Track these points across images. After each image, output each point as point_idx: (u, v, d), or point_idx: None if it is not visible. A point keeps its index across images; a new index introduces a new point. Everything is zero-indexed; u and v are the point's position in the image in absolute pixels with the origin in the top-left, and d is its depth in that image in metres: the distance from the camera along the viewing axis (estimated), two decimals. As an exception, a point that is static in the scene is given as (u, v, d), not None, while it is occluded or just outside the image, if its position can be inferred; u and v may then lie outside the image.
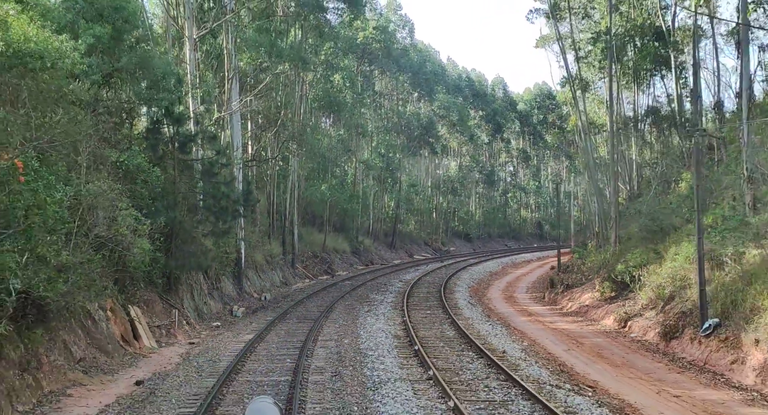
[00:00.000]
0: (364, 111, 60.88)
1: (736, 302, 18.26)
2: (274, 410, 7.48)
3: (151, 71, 23.70)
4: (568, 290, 33.26)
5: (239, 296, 30.82)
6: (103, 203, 17.97)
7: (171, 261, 23.62)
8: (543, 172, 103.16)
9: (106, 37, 21.98)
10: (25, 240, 13.27)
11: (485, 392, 14.13)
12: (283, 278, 39.22)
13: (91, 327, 17.99)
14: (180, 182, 24.41)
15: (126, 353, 18.84)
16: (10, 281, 12.25)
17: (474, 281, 42.78)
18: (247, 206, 29.44)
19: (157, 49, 26.88)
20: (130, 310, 20.63)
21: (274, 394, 13.94)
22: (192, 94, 26.50)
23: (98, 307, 18.67)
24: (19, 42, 15.88)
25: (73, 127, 16.66)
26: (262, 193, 42.04)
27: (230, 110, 29.81)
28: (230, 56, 30.51)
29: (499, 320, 26.22)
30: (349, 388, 14.45)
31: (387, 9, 66.61)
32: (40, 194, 13.45)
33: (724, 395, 15.19)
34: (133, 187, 21.43)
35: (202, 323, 24.89)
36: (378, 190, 65.30)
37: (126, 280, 20.67)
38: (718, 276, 20.23)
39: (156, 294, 23.26)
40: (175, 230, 23.75)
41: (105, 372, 16.64)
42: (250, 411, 7.47)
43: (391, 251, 65.48)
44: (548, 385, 15.25)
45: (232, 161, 28.45)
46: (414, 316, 25.25)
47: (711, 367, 17.71)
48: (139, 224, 19.56)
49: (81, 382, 15.56)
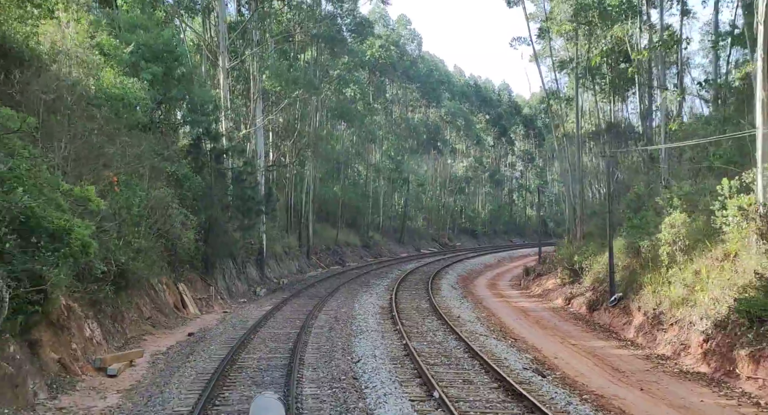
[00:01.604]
0: (376, 118, 67.02)
1: (631, 282, 24.28)
2: (279, 405, 7.51)
3: (194, 99, 30.12)
4: (538, 277, 39.27)
5: (261, 279, 37.19)
6: (162, 204, 24.33)
7: (208, 249, 30.03)
8: (548, 172, 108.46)
9: (160, 73, 28.38)
10: (119, 230, 19.65)
11: (431, 337, 20.34)
12: (299, 267, 45.57)
13: (154, 296, 24.41)
14: (215, 187, 30.82)
15: (177, 316, 25.21)
16: (113, 258, 18.61)
17: (466, 271, 48.79)
18: (268, 206, 35.87)
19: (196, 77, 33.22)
20: (179, 285, 27.07)
21: (287, 339, 20.17)
22: (225, 114, 32.87)
23: (158, 281, 25.09)
24: (108, 87, 22.33)
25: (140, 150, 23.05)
26: (281, 193, 48.45)
27: (255, 126, 36.23)
28: (255, 81, 36.91)
29: (471, 300, 32.30)
30: (339, 335, 20.71)
31: (398, 24, 72.71)
32: (128, 199, 19.84)
33: (606, 344, 21.25)
34: (180, 192, 27.79)
35: (231, 299, 31.24)
36: (388, 190, 71.45)
37: (176, 263, 27.05)
38: (630, 263, 26.20)
39: (197, 275, 29.68)
40: (211, 225, 30.12)
41: (165, 327, 23.00)
42: (255, 406, 7.51)
43: (400, 246, 71.63)
44: (481, 336, 21.39)
45: (256, 169, 34.79)
46: (400, 295, 31.43)
47: (611, 328, 23.75)
48: (186, 219, 25.94)
49: (150, 332, 21.95)
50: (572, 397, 14.20)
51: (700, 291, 18.84)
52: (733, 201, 17.99)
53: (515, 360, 17.55)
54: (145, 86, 24.89)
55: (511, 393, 13.73)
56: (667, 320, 20.30)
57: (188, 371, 16.08)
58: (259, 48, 36.53)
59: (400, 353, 17.89)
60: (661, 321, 20.67)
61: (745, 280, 17.04)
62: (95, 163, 18.78)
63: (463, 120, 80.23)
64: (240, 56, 34.77)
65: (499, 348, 19.28)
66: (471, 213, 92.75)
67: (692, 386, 15.73)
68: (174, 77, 29.75)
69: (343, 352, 17.98)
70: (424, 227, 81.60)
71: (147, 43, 28.02)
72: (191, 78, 31.52)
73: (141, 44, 27.58)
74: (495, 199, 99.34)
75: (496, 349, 19.08)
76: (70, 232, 14.04)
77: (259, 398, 7.80)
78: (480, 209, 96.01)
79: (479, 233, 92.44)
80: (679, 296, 19.94)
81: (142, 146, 23.44)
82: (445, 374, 15.46)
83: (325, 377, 15.16)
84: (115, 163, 19.82)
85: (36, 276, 13.73)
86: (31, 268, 13.50)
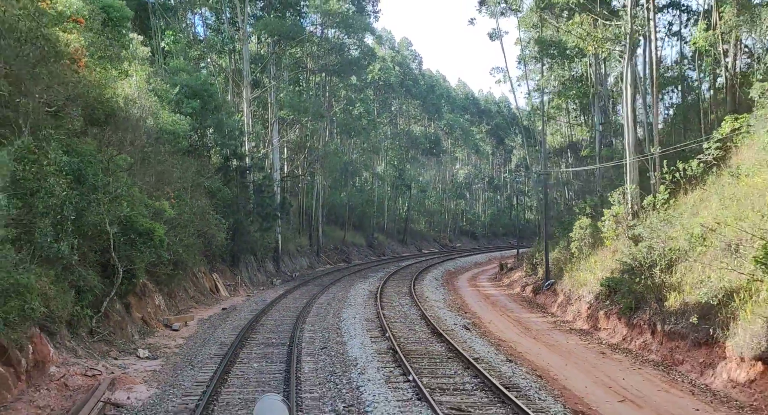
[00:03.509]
0: (380, 131, 74.60)
1: (559, 270, 31.63)
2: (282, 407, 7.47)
3: (223, 127, 37.79)
4: (509, 271, 46.60)
5: (277, 272, 44.83)
6: (201, 212, 31.95)
7: (235, 246, 37.66)
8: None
9: (198, 107, 36.05)
10: (175, 231, 27.28)
11: (399, 308, 27.85)
12: (309, 263, 53.18)
13: (195, 281, 32.08)
14: (240, 197, 38.48)
15: (212, 297, 32.84)
16: (172, 250, 26.22)
17: (455, 268, 56.13)
18: (282, 212, 43.50)
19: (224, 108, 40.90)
20: (213, 274, 34.72)
21: (295, 309, 27.68)
22: (248, 138, 40.58)
23: (198, 270, 32.75)
24: (165, 124, 30.02)
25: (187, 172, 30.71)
26: (294, 200, 56.16)
27: (272, 146, 43.95)
28: (272, 108, 44.61)
29: (446, 288, 39.70)
30: (333, 307, 28.25)
31: (400, 46, 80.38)
32: (181, 208, 27.48)
33: (532, 315, 28.59)
34: (214, 201, 35.42)
35: (253, 287, 38.84)
36: (391, 196, 78.98)
37: (211, 256, 34.68)
38: (561, 256, 33.51)
39: (226, 266, 37.36)
40: (237, 227, 37.71)
41: (204, 304, 30.63)
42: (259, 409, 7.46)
43: (402, 246, 79.09)
44: (438, 309, 28.81)
45: (273, 182, 42.46)
46: (388, 283, 38.91)
47: (544, 305, 31.08)
48: (219, 223, 33.55)
49: (194, 306, 29.58)
50: (482, 339, 21.62)
51: (591, 274, 26.19)
52: (608, 211, 25.32)
53: (453, 322, 25.01)
54: (188, 119, 32.60)
55: (437, 336, 21.18)
56: (574, 296, 27.66)
57: (227, 326, 23.69)
58: (275, 82, 44.25)
59: (373, 316, 25.40)
60: (570, 298, 28.04)
61: (614, 265, 24.38)
62: (161, 184, 26.44)
63: (461, 131, 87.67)
64: (261, 87, 42.53)
65: (447, 315, 26.77)
66: (471, 216, 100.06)
67: (569, 336, 23.08)
68: (208, 109, 37.42)
69: (333, 316, 25.54)
70: (426, 229, 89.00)
71: (188, 83, 35.74)
72: (221, 109, 39.20)
73: (183, 85, 35.30)
74: (495, 204, 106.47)
75: (444, 316, 26.56)
76: (153, 231, 21.69)
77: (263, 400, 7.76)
78: (480, 213, 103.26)
79: (479, 234, 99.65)
80: (582, 279, 27.29)
81: (187, 169, 31.12)
82: (398, 326, 22.96)
83: (319, 328, 22.72)
84: (173, 183, 27.49)
85: (129, 260, 21.38)
86: (129, 254, 21.14)
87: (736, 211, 19.69)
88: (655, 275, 20.31)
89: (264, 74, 44.98)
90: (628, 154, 25.00)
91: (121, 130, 25.43)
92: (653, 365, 18.05)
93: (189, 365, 17.34)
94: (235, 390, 14.35)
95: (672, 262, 20.13)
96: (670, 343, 18.46)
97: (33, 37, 16.07)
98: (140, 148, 25.86)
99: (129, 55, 29.50)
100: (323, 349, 19.02)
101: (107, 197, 19.74)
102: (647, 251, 20.99)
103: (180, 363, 17.79)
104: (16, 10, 15.99)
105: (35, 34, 16.15)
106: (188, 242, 28.83)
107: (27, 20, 16.00)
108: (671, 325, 18.42)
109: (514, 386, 14.76)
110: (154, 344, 20.87)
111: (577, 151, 47.08)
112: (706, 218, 20.72)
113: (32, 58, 16.17)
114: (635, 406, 14.21)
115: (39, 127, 16.46)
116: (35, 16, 16.45)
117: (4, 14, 15.48)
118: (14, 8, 15.92)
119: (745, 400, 14.18)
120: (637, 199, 25.45)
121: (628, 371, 17.46)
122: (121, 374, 16.18)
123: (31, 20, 16.28)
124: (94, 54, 23.83)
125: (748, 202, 19.78)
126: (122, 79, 27.86)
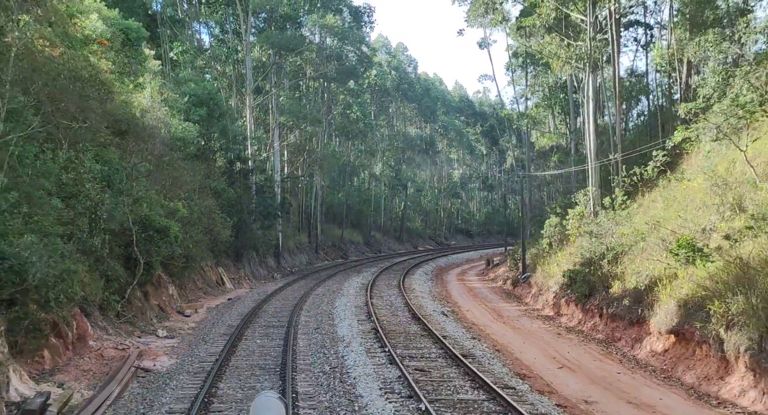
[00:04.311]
0: (377, 133, 77.75)
1: (535, 265, 34.76)
2: (279, 405, 7.44)
3: (227, 133, 40.94)
4: (495, 267, 49.74)
5: (278, 267, 47.99)
6: (208, 211, 35.09)
7: (238, 243, 40.81)
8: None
9: (205, 114, 39.19)
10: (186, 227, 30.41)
11: (386, 298, 31.00)
12: (309, 260, 56.33)
13: (203, 274, 35.23)
14: (244, 197, 41.63)
15: (218, 289, 35.99)
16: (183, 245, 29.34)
17: (446, 264, 59.24)
18: (283, 211, 46.64)
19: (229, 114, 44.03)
20: (219, 268, 37.88)
21: (293, 299, 30.82)
22: (251, 142, 43.72)
23: (206, 264, 35.90)
24: (176, 131, 33.15)
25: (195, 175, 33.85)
26: (294, 199, 59.34)
27: (273, 149, 47.10)
28: (273, 114, 47.76)
29: (435, 282, 42.81)
30: (327, 297, 31.39)
31: (396, 51, 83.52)
32: (191, 208, 30.62)
33: (508, 305, 31.71)
34: (219, 201, 38.55)
35: (255, 280, 41.99)
36: (388, 195, 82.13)
37: (217, 252, 37.84)
38: (536, 252, 36.62)
39: (230, 261, 40.52)
40: (240, 225, 40.86)
41: (212, 295, 33.78)
42: (256, 407, 7.43)
43: (399, 244, 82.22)
44: (422, 299, 31.93)
45: (274, 183, 45.62)
46: (380, 277, 42.05)
47: (520, 296, 34.20)
48: (224, 221, 36.69)
49: (202, 297, 32.73)
50: (455, 323, 24.76)
51: (558, 268, 29.32)
52: (572, 210, 28.45)
53: (433, 309, 28.16)
54: (195, 127, 35.75)
55: (416, 319, 24.32)
56: (544, 288, 30.78)
57: (233, 313, 26.84)
58: (276, 89, 47.44)
59: (362, 304, 28.55)
60: (542, 289, 31.17)
61: (576, 259, 27.51)
62: (174, 187, 29.61)
63: (455, 133, 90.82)
64: (263, 94, 45.72)
65: (429, 304, 29.93)
66: (467, 215, 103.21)
67: (534, 321, 26.20)
68: (214, 116, 40.56)
69: (327, 304, 28.70)
70: (422, 227, 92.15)
71: (195, 92, 38.89)
72: (226, 115, 42.34)
73: (192, 94, 38.45)
74: (489, 203, 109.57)
75: (426, 304, 29.72)
76: (168, 228, 24.84)
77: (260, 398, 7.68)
78: (475, 211, 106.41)
79: (474, 233, 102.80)
80: (551, 272, 30.41)
81: (195, 172, 34.27)
82: (383, 313, 26.12)
83: (313, 314, 25.88)
84: (184, 186, 30.66)
85: (148, 254, 24.52)
86: (148, 249, 24.29)
87: (674, 211, 22.82)
88: (604, 266, 23.44)
89: (266, 81, 48.14)
90: (590, 160, 28.14)
91: (139, 139, 28.60)
92: (597, 342, 21.19)
93: (202, 341, 20.50)
94: (243, 358, 17.49)
95: (617, 255, 23.25)
96: (612, 323, 21.61)
97: (93, 82, 19.33)
98: (156, 156, 29.00)
99: (143, 69, 32.68)
100: (316, 329, 22.17)
101: (130, 199, 22.90)
102: (598, 246, 24.12)
103: (194, 340, 20.95)
104: (81, 62, 19.26)
105: (95, 79, 19.45)
106: (197, 238, 31.97)
107: (88, 69, 19.41)
108: (613, 308, 21.56)
109: (471, 356, 17.91)
110: (170, 326, 24.01)
111: (561, 152, 50.22)
112: (650, 218, 23.86)
113: (92, 97, 19.50)
114: (570, 371, 17.34)
115: (77, 140, 19.59)
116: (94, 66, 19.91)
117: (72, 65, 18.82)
118: (78, 61, 19.19)
119: (659, 365, 17.32)
120: (598, 200, 28.57)
121: (575, 347, 20.59)
122: (146, 348, 19.33)
123: (92, 69, 19.59)
124: (116, 71, 26.97)
125: (686, 203, 22.92)
126: (138, 92, 31.03)
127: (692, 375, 15.79)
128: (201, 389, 13.84)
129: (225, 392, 13.99)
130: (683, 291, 17.46)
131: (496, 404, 13.05)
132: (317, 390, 14.07)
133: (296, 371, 15.75)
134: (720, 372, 14.95)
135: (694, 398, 14.59)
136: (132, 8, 41.61)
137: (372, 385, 14.40)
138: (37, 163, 15.95)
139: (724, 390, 14.41)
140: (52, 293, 16.02)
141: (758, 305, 13.78)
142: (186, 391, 14.13)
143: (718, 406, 13.85)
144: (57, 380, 15.25)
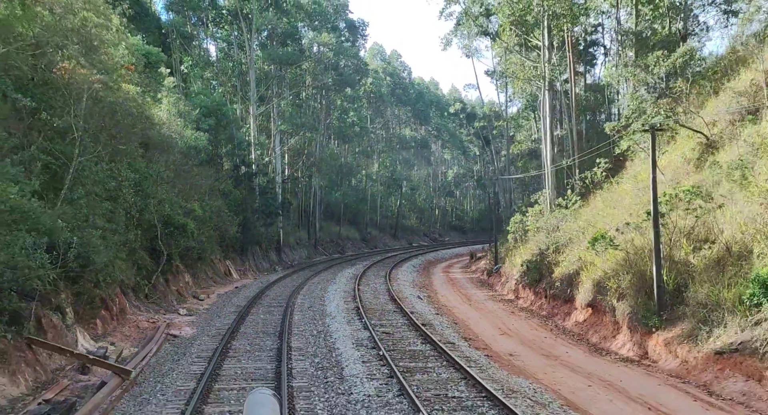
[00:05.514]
0: (373, 135, 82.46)
1: (505, 257, 39.45)
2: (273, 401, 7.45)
3: (234, 140, 45.64)
4: (477, 260, 54.42)
5: (279, 261, 52.72)
6: (217, 210, 39.80)
7: (243, 239, 45.54)
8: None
9: (213, 124, 43.90)
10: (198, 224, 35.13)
11: (372, 286, 35.70)
12: (308, 254, 61.05)
13: (213, 266, 39.94)
14: (248, 198, 46.33)
15: (226, 279, 40.70)
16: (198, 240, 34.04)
17: (435, 258, 63.91)
18: (284, 210, 51.35)
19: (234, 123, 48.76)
20: (226, 261, 42.61)
21: (292, 286, 35.52)
22: (254, 148, 48.42)
23: (215, 258, 40.60)
24: (189, 141, 37.86)
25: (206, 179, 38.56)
26: (295, 199, 64.08)
27: (275, 153, 51.83)
28: (275, 121, 52.47)
29: (420, 273, 47.48)
30: (321, 285, 36.09)
31: (391, 57, 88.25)
32: (204, 208, 35.33)
33: (479, 291, 36.38)
34: (226, 201, 43.26)
35: (258, 272, 46.70)
36: (384, 194, 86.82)
37: (225, 246, 42.55)
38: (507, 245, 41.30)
39: (237, 255, 45.25)
40: (245, 223, 45.57)
41: (221, 284, 38.49)
42: (250, 403, 7.43)
43: (394, 240, 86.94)
44: (404, 287, 36.61)
45: (275, 184, 50.36)
46: (371, 269, 46.76)
47: (492, 285, 38.87)
48: (231, 219, 41.42)
49: (212, 286, 37.43)
50: (427, 304, 29.43)
51: (520, 259, 34.00)
52: (531, 209, 33.10)
53: (411, 294, 32.85)
54: (205, 135, 40.46)
55: (393, 301, 29.00)
56: (510, 276, 35.46)
57: (240, 297, 31.56)
58: (277, 99, 52.21)
59: (350, 290, 33.25)
60: (508, 278, 35.84)
61: (533, 251, 32.17)
62: (190, 190, 34.35)
63: (448, 134, 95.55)
64: (265, 102, 50.48)
65: (408, 290, 34.63)
66: (460, 212, 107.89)
67: (497, 304, 30.87)
68: (221, 125, 45.27)
69: (320, 290, 33.43)
70: (417, 224, 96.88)
71: (205, 104, 43.60)
72: (232, 124, 47.06)
73: (202, 106, 43.16)
74: (483, 200, 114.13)
75: (406, 290, 34.42)
76: (186, 225, 29.56)
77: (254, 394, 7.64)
78: (469, 209, 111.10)
79: (468, 229, 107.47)
80: (515, 262, 35.07)
81: (206, 177, 38.99)
82: (367, 296, 30.82)
83: (308, 297, 30.60)
84: (197, 189, 35.41)
85: (168, 247, 29.23)
86: (169, 243, 29.01)
87: (608, 210, 27.48)
88: (550, 256, 28.11)
89: (268, 91, 52.88)
90: (547, 166, 32.80)
91: (160, 150, 33.32)
92: (539, 317, 25.88)
93: (216, 316, 25.23)
94: (250, 327, 22.21)
95: (560, 247, 27.91)
96: (553, 302, 26.30)
97: (140, 117, 24.15)
98: (175, 164, 33.72)
99: (160, 86, 37.38)
100: (309, 308, 26.91)
101: (156, 201, 27.62)
102: (548, 239, 28.79)
103: (210, 317, 25.67)
104: (131, 102, 24.09)
105: (141, 115, 24.30)
106: (209, 234, 36.70)
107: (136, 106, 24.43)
108: (554, 290, 26.24)
109: (430, 325, 22.61)
110: (188, 307, 28.74)
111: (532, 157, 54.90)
112: (590, 216, 28.53)
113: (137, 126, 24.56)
114: (508, 336, 22.02)
115: (115, 154, 24.32)
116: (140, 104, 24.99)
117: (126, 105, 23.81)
118: (130, 101, 24.00)
119: (578, 331, 22.01)
120: (554, 201, 33.22)
121: (520, 321, 25.27)
122: (172, 322, 24.06)
123: (139, 106, 24.43)
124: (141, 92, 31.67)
125: (617, 203, 27.57)
126: (156, 107, 35.74)
127: (597, 336, 20.50)
128: (219, 344, 18.58)
129: (237, 347, 18.72)
130: (597, 274, 22.14)
131: (436, 352, 17.75)
132: (306, 345, 18.80)
133: (291, 335, 20.45)
134: (613, 332, 19.67)
135: (592, 351, 19.29)
136: (146, 24, 46.48)
137: (347, 342, 19.12)
138: (91, 175, 20.68)
139: (612, 345, 19.13)
140: (100, 275, 20.73)
141: (634, 281, 18.48)
142: (208, 346, 18.87)
143: (606, 356, 18.55)
144: (108, 340, 19.99)
